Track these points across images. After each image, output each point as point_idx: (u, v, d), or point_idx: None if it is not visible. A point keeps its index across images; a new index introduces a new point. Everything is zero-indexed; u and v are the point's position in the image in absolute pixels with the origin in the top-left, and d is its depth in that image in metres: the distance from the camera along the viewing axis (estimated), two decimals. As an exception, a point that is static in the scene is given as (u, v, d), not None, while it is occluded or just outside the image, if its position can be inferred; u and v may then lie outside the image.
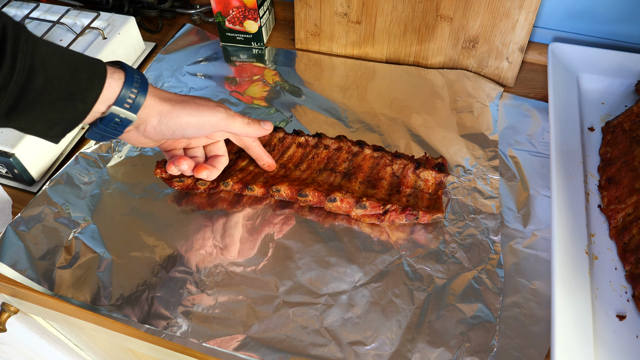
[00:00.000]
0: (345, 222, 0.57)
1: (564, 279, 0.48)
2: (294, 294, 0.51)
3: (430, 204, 0.57)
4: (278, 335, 0.49)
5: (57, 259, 0.54)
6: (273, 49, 0.79)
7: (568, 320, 0.46)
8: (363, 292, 0.51)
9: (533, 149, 0.63)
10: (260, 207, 0.59)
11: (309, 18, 0.76)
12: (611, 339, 0.47)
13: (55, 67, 0.39)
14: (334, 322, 0.49)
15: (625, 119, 0.60)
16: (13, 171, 0.60)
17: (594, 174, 0.60)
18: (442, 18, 0.70)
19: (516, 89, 0.72)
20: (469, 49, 0.72)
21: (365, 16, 0.73)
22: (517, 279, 0.52)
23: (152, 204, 0.59)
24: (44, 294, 0.53)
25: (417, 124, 0.67)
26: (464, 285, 0.52)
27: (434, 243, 0.55)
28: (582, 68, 0.68)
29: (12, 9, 0.76)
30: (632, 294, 0.50)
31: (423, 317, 0.50)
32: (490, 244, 0.55)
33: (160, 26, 0.84)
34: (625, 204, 0.54)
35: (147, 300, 0.51)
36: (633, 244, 0.51)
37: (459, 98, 0.70)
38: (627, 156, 0.57)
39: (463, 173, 0.61)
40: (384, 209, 0.55)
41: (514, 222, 0.57)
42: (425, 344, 0.48)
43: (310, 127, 0.67)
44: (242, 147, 0.58)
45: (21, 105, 0.39)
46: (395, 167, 0.60)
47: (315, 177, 0.59)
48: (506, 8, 0.66)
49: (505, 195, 0.59)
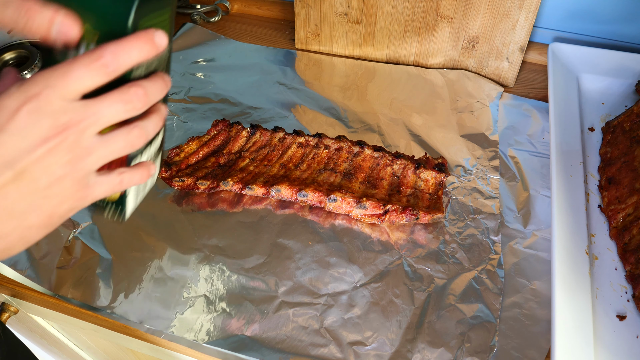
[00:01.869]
0: (345, 222, 0.57)
1: (564, 279, 0.48)
2: (294, 294, 0.51)
3: (431, 204, 0.57)
4: (278, 335, 0.49)
5: (57, 259, 0.54)
6: (273, 49, 0.79)
7: (568, 320, 0.46)
8: (363, 292, 0.51)
9: (533, 149, 0.63)
10: (260, 207, 0.59)
11: (309, 18, 0.76)
12: (611, 339, 0.47)
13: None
14: (334, 323, 0.49)
15: (626, 119, 0.60)
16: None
17: (594, 174, 0.60)
18: (442, 18, 0.70)
19: (516, 89, 0.72)
20: (469, 49, 0.72)
21: (366, 16, 0.73)
22: (517, 279, 0.52)
23: (152, 204, 0.59)
24: (44, 294, 0.53)
25: (417, 124, 0.67)
26: (464, 286, 0.52)
27: (434, 243, 0.55)
28: (582, 68, 0.68)
29: (12, 9, 0.76)
30: (632, 294, 0.50)
31: (423, 317, 0.50)
32: (490, 244, 0.55)
33: (160, 26, 0.83)
34: (626, 204, 0.54)
35: (147, 300, 0.51)
36: (633, 244, 0.51)
37: (459, 98, 0.70)
38: (627, 156, 0.57)
39: (463, 173, 0.61)
40: (384, 209, 0.55)
41: (514, 222, 0.57)
42: (425, 344, 0.48)
43: (310, 127, 0.67)
44: None
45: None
46: (396, 167, 0.60)
47: (316, 177, 0.59)
48: (506, 8, 0.66)
49: (505, 196, 0.59)
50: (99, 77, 0.27)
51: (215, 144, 0.63)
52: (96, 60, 0.27)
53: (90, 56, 0.27)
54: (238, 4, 0.87)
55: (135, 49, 0.28)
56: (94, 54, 0.27)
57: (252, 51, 0.79)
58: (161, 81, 0.31)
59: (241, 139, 0.63)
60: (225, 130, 0.64)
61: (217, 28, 0.83)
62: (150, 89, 0.30)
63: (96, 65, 0.27)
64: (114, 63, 0.27)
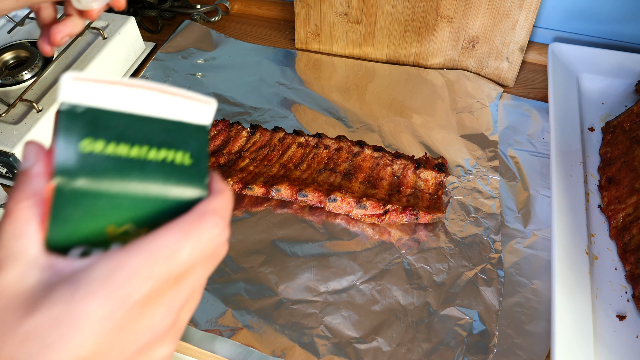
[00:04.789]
0: (345, 222, 0.57)
1: (564, 279, 0.48)
2: (293, 292, 0.51)
3: (431, 204, 0.57)
4: (277, 332, 0.49)
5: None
6: (273, 49, 0.79)
7: (568, 320, 0.46)
8: (363, 290, 0.51)
9: (533, 149, 0.63)
10: (260, 207, 0.59)
11: (309, 18, 0.76)
12: (611, 339, 0.47)
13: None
14: (334, 320, 0.49)
15: (626, 119, 0.60)
16: (13, 171, 0.60)
17: (594, 174, 0.60)
18: (442, 18, 0.70)
19: (516, 89, 0.72)
20: (469, 49, 0.72)
21: (365, 16, 0.73)
22: (518, 278, 0.52)
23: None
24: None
25: (417, 124, 0.67)
26: (464, 285, 0.52)
27: (434, 242, 0.55)
28: (582, 68, 0.68)
29: (12, 8, 0.76)
30: (632, 294, 0.50)
31: (423, 316, 0.50)
32: (490, 244, 0.55)
33: (160, 26, 0.83)
34: (626, 204, 0.54)
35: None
36: (633, 244, 0.51)
37: (459, 98, 0.70)
38: (627, 156, 0.57)
39: (463, 173, 0.61)
40: (384, 209, 0.55)
41: (514, 222, 0.57)
42: (425, 343, 0.48)
43: (310, 127, 0.67)
44: None
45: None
46: (396, 167, 0.60)
47: (316, 177, 0.59)
48: (506, 8, 0.66)
49: (505, 195, 0.59)
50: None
51: (215, 144, 0.63)
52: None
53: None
54: (238, 4, 0.87)
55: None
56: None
57: (252, 51, 0.79)
58: None
59: (241, 139, 0.63)
60: (225, 130, 0.64)
61: (217, 28, 0.83)
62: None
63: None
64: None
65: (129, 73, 0.76)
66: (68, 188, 0.21)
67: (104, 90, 0.21)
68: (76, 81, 0.21)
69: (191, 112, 0.23)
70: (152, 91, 0.22)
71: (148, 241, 0.21)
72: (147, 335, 0.21)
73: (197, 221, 0.22)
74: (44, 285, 0.20)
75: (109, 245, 0.22)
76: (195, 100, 0.23)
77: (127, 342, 0.21)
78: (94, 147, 0.21)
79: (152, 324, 0.22)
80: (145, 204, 0.22)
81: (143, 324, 0.21)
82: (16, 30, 0.72)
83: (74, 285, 0.19)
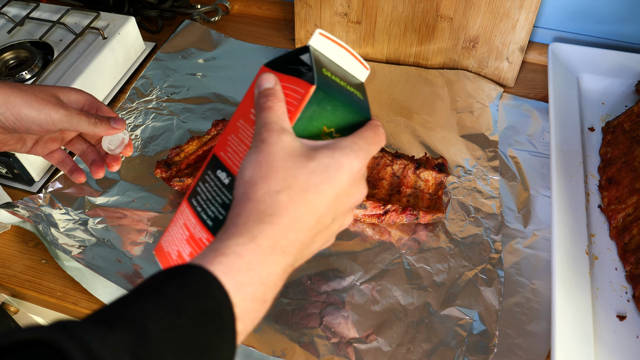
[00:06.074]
0: (345, 222, 0.57)
1: (564, 279, 0.48)
2: (294, 292, 0.51)
3: (431, 204, 0.57)
4: (278, 332, 0.49)
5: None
6: (273, 49, 0.79)
7: (568, 320, 0.46)
8: (363, 290, 0.51)
9: (533, 149, 0.63)
10: (260, 207, 0.59)
11: (309, 18, 0.76)
12: (611, 339, 0.47)
13: None
14: (334, 320, 0.49)
15: (626, 119, 0.60)
16: (13, 171, 0.60)
17: (594, 174, 0.60)
18: (442, 18, 0.70)
19: (516, 89, 0.72)
20: (469, 49, 0.72)
21: (365, 16, 0.73)
22: (518, 278, 0.52)
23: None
24: (44, 294, 0.53)
25: (417, 124, 0.67)
26: (464, 285, 0.52)
27: (434, 242, 0.55)
28: (582, 68, 0.68)
29: (12, 8, 0.76)
30: (632, 294, 0.50)
31: (423, 316, 0.50)
32: (490, 244, 0.55)
33: (160, 26, 0.83)
34: (626, 204, 0.54)
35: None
36: (633, 244, 0.51)
37: (459, 98, 0.70)
38: (627, 156, 0.57)
39: (463, 173, 0.61)
40: (384, 209, 0.55)
41: (514, 222, 0.57)
42: (425, 343, 0.48)
43: (311, 127, 0.67)
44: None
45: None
46: (396, 167, 0.60)
47: (316, 177, 0.59)
48: (506, 8, 0.66)
49: (505, 195, 0.59)
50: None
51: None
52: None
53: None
54: (238, 4, 0.87)
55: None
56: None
57: (252, 51, 0.79)
58: None
59: (241, 138, 0.63)
60: (225, 130, 0.64)
61: (217, 28, 0.83)
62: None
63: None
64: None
65: (129, 73, 0.75)
66: (317, 95, 0.32)
67: (331, 45, 0.35)
68: (321, 36, 0.35)
69: (361, 71, 0.38)
70: (351, 56, 0.37)
71: (360, 132, 0.34)
72: (351, 202, 0.34)
73: (378, 127, 0.35)
74: (310, 147, 0.33)
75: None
76: (363, 66, 0.38)
77: (349, 198, 0.33)
78: (327, 73, 0.34)
79: (356, 195, 0.34)
80: (345, 115, 0.35)
81: (354, 190, 0.33)
82: (16, 30, 0.72)
83: (332, 149, 0.32)
